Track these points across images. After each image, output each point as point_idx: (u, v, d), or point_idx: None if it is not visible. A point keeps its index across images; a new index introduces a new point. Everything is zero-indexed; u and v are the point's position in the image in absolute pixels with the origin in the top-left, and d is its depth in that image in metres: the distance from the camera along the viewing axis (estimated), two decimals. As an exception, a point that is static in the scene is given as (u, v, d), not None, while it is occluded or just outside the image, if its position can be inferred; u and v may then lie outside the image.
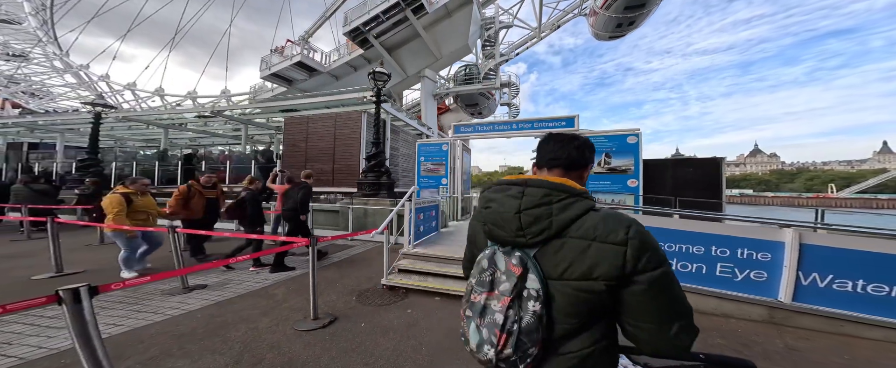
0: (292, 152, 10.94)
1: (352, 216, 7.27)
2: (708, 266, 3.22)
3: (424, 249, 4.79)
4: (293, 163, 10.56)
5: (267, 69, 18.40)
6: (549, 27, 20.32)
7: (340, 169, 9.74)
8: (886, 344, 2.59)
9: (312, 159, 10.52)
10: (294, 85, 19.33)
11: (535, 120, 6.89)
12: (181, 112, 17.28)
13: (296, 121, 11.32)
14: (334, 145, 10.14)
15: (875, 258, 2.71)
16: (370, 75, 7.14)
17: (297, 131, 11.02)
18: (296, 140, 10.93)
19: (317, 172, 10.04)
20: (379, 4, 14.29)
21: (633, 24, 17.02)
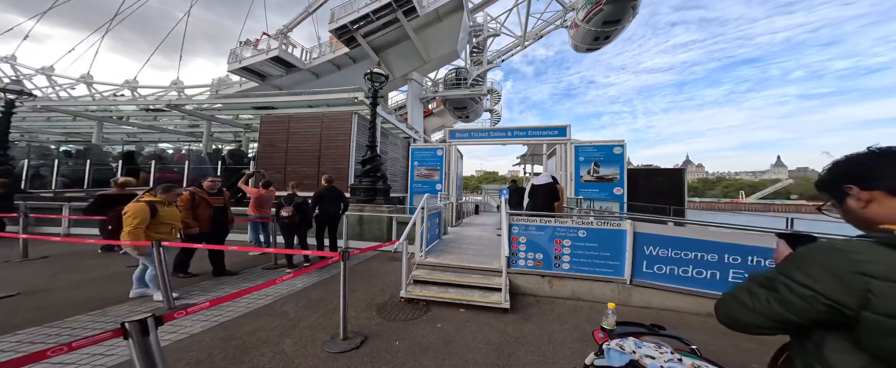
0: (269, 153, 10.20)
1: (346, 224, 6.89)
2: (721, 273, 3.46)
3: (437, 258, 4.66)
4: (270, 165, 9.83)
5: (236, 62, 17.04)
6: (533, 37, 21.28)
7: (327, 172, 9.21)
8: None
9: (294, 162, 9.90)
10: (267, 81, 18.09)
11: (530, 128, 7.07)
12: (122, 103, 15.37)
13: (274, 120, 10.60)
14: (320, 147, 9.61)
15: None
16: (367, 76, 6.89)
17: (276, 131, 10.31)
18: (274, 140, 10.22)
19: (299, 176, 9.46)
20: (369, 4, 13.94)
21: (608, 39, 18.35)
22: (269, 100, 11.97)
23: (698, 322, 3.36)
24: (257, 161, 10.03)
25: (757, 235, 3.49)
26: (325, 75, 18.14)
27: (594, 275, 3.82)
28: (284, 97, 11.06)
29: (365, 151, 7.57)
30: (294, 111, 11.33)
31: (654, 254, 3.64)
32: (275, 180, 9.18)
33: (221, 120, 14.50)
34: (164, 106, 12.99)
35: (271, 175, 9.29)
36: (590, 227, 3.88)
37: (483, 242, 5.69)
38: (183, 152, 14.07)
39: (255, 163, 10.05)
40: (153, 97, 24.18)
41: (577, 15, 17.64)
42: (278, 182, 9.35)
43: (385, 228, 6.72)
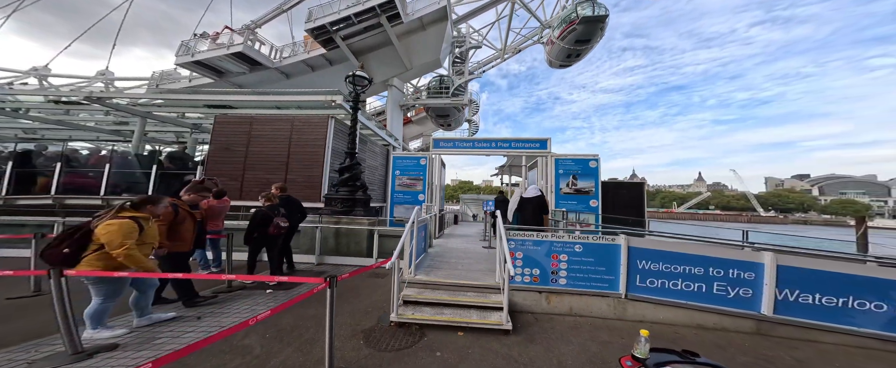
0: (223, 157, 9.06)
1: (319, 238, 6.31)
2: (707, 285, 3.63)
3: (427, 275, 4.38)
4: (224, 171, 8.77)
5: (187, 55, 15.36)
6: (512, 50, 22.15)
7: (297, 180, 8.48)
8: (843, 347, 3.23)
9: (255, 168, 8.97)
10: (225, 78, 16.54)
11: (513, 140, 7.15)
12: (20, 93, 12.93)
13: (232, 121, 9.58)
14: (289, 152, 8.84)
15: (825, 275, 3.41)
16: (348, 78, 6.49)
17: (234, 133, 9.31)
18: (231, 143, 9.18)
19: (261, 183, 8.59)
20: (351, 6, 13.43)
21: (578, 56, 19.76)
22: (227, 98, 10.83)
23: (690, 333, 3.46)
24: (206, 166, 8.89)
25: (735, 249, 3.71)
26: (297, 76, 17.11)
27: (591, 290, 3.80)
28: (248, 96, 10.08)
29: (342, 157, 7.08)
30: (258, 112, 10.37)
31: (647, 268, 3.72)
32: (230, 188, 8.23)
33: (161, 118, 12.75)
34: (82, 98, 10.94)
35: (226, 183, 8.32)
36: (586, 242, 3.88)
37: (471, 255, 5.51)
38: (102, 152, 11.68)
39: (202, 168, 8.88)
40: (69, 88, 20.85)
41: (552, 32, 18.85)
42: (234, 191, 8.40)
43: (364, 242, 6.27)
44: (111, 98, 11.59)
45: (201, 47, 15.14)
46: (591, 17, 16.21)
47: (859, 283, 3.34)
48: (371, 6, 13.37)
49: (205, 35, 15.51)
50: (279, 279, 3.16)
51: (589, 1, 16.61)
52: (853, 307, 3.34)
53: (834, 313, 3.35)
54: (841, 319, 3.33)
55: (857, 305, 3.34)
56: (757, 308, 3.50)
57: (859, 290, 3.33)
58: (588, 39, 17.62)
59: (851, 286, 3.35)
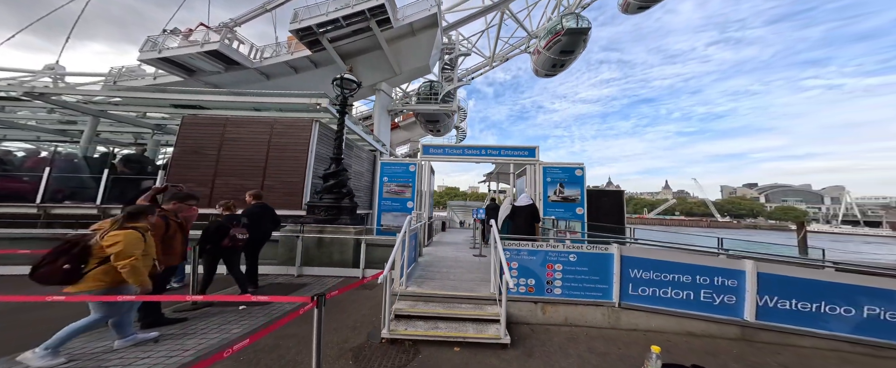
0: (191, 160, 8.39)
1: (300, 248, 5.95)
2: (694, 293, 3.73)
3: (419, 287, 4.22)
4: (191, 176, 8.11)
5: (154, 51, 14.30)
6: (500, 59, 22.77)
7: (275, 187, 8.01)
8: (819, 351, 3.42)
9: (228, 173, 8.39)
10: (196, 77, 15.57)
11: (502, 147, 7.21)
12: None
13: (203, 122, 8.96)
14: (267, 156, 8.36)
15: (800, 282, 3.61)
16: (335, 82, 6.26)
17: (204, 135, 8.69)
18: (200, 146, 8.55)
19: (233, 189, 8.03)
20: (340, 9, 13.12)
21: (563, 66, 20.63)
22: (198, 98, 10.12)
23: (681, 341, 3.53)
24: (169, 170, 8.18)
25: (721, 257, 3.86)
26: (278, 77, 16.47)
27: (585, 299, 3.81)
28: (223, 97, 9.47)
29: (327, 163, 6.78)
30: (234, 113, 9.78)
31: (639, 277, 3.79)
32: (202, 194, 7.66)
33: (118, 117, 11.68)
34: (21, 94, 9.77)
35: (192, 189, 7.71)
36: (580, 251, 3.90)
37: (462, 264, 5.40)
38: (43, 154, 10.18)
39: (165, 173, 8.14)
40: (7, 83, 18.81)
41: (539, 42, 19.65)
42: (202, 197, 7.80)
43: (350, 251, 5.99)
44: (58, 94, 10.47)
45: (171, 44, 14.17)
46: (576, 28, 17.07)
47: (830, 289, 3.57)
48: (360, 10, 13.16)
49: (176, 31, 14.55)
50: (260, 298, 2.90)
51: (573, 14, 17.68)
52: (825, 311, 3.55)
53: (809, 318, 3.55)
54: (816, 323, 3.53)
55: (828, 310, 3.55)
56: (740, 315, 3.64)
57: (830, 296, 3.55)
58: (572, 50, 18.51)
59: (823, 292, 3.57)
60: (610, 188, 11.96)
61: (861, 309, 3.51)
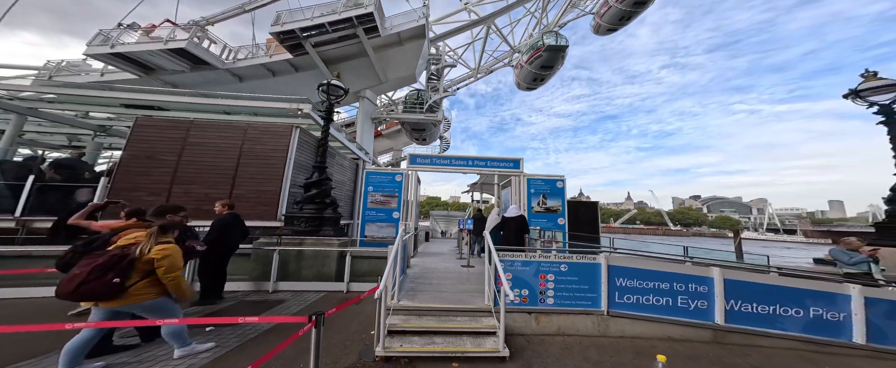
0: (143, 166, 7.54)
1: (277, 262, 5.56)
2: (672, 299, 4.01)
3: (411, 300, 4.13)
4: (142, 184, 7.33)
5: (105, 45, 12.92)
6: (485, 71, 23.66)
7: (246, 196, 7.45)
8: (779, 350, 3.80)
9: (188, 180, 7.67)
10: (155, 75, 14.30)
11: (488, 159, 7.36)
12: None
13: (161, 124, 8.21)
14: (238, 163, 7.80)
15: (759, 286, 4.03)
16: (321, 87, 6.07)
17: (162, 139, 7.94)
18: (155, 151, 7.76)
19: (196, 198, 7.38)
20: (327, 14, 12.77)
21: (543, 80, 21.88)
22: (157, 98, 9.25)
23: (664, 346, 3.74)
24: (115, 177, 7.27)
25: (695, 265, 4.19)
26: (252, 80, 15.63)
27: (576, 308, 3.93)
28: (190, 98, 8.74)
29: (307, 171, 6.47)
30: (199, 116, 9.06)
31: (624, 285, 4.00)
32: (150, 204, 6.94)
33: (51, 116, 10.33)
34: None
35: (142, 198, 7.00)
36: (570, 261, 4.05)
37: (452, 275, 5.35)
38: None
39: (108, 180, 7.19)
40: None
41: (521, 57, 20.86)
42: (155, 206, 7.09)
43: (334, 264, 5.70)
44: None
45: (128, 39, 12.91)
46: (555, 46, 18.42)
47: (781, 293, 4.01)
48: (348, 17, 12.98)
49: (134, 26, 13.31)
50: (251, 319, 2.67)
51: (552, 32, 19.17)
52: (780, 313, 3.98)
53: (768, 319, 3.95)
54: (774, 324, 3.93)
55: (782, 311, 3.98)
56: (712, 318, 3.96)
57: (783, 299, 3.99)
58: (551, 66, 19.82)
59: (776, 296, 4.00)
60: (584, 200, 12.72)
61: (808, 310, 3.97)
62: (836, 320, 3.92)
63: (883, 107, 6.40)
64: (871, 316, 3.85)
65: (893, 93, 6.28)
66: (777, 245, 60.42)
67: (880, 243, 5.72)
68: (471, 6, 20.45)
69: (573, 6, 23.27)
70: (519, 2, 19.94)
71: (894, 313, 3.87)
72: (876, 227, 6.46)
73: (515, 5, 19.95)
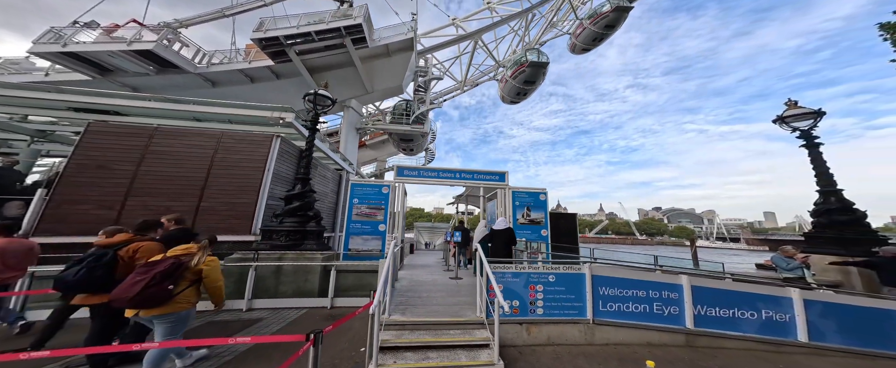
0: (92, 177, 6.83)
1: (253, 278, 5.25)
2: (650, 306, 4.31)
3: (403, 315, 4.09)
4: (90, 196, 6.60)
5: (55, 43, 11.72)
6: (471, 83, 24.41)
7: (216, 209, 6.95)
8: (739, 351, 4.17)
9: (147, 192, 7.01)
10: (113, 77, 13.15)
11: (475, 171, 7.56)
12: None
13: (118, 130, 7.54)
14: (209, 173, 7.32)
15: (719, 292, 4.45)
16: (308, 97, 5.97)
17: (117, 146, 7.28)
18: (108, 159, 7.11)
19: (157, 212, 6.71)
20: (314, 23, 12.55)
21: (526, 95, 22.96)
22: (115, 102, 8.49)
23: (645, 352, 3.98)
24: (56, 188, 6.47)
25: (666, 273, 4.55)
26: (227, 85, 14.88)
27: (564, 318, 4.10)
28: (157, 103, 8.14)
29: (287, 183, 6.24)
30: (165, 122, 8.44)
31: (607, 294, 4.24)
32: (99, 218, 6.36)
33: None
34: None
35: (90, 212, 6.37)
36: (558, 272, 4.23)
37: (441, 287, 5.34)
38: None
39: (46, 191, 6.36)
40: None
41: (506, 71, 21.88)
42: (105, 222, 6.46)
43: (317, 279, 5.48)
44: None
45: (84, 38, 11.83)
46: (537, 62, 19.68)
47: (739, 297, 4.44)
48: (336, 27, 12.87)
49: (92, 25, 12.24)
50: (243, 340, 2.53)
51: (535, 49, 20.53)
52: (738, 316, 4.40)
53: (730, 322, 4.35)
54: (733, 327, 4.34)
55: (739, 315, 4.41)
56: (683, 323, 4.30)
57: (740, 302, 4.42)
58: (534, 81, 20.94)
59: (735, 300, 4.42)
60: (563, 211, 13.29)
61: (760, 312, 4.43)
62: (783, 321, 4.40)
63: (803, 132, 7.30)
64: (810, 316, 4.36)
65: (811, 120, 7.21)
66: (726, 253, 66.61)
67: (809, 250, 6.50)
68: (458, 22, 21.56)
69: (552, 26, 25.18)
70: (503, 20, 21.10)
71: (828, 313, 4.41)
72: (805, 236, 7.27)
73: (500, 24, 21.09)
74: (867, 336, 4.28)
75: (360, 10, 13.54)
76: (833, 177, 6.82)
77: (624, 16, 20.81)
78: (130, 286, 2.55)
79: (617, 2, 20.54)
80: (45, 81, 13.86)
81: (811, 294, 4.49)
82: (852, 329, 4.32)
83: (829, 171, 6.86)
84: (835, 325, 4.34)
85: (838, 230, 6.45)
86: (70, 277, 2.87)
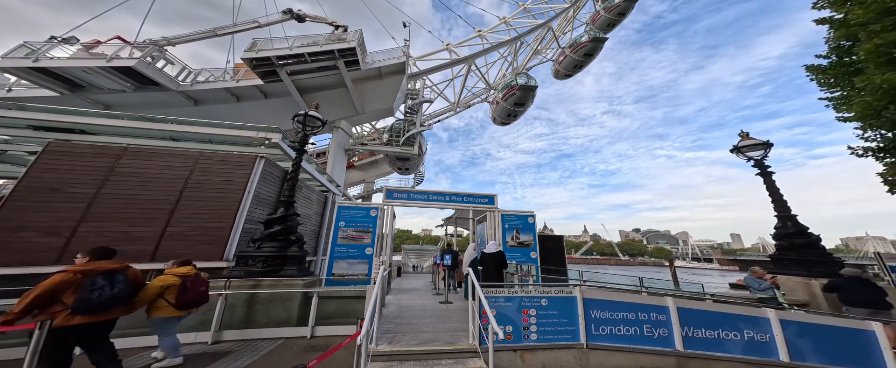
0: (42, 200, 6.29)
1: (222, 308, 4.83)
2: (640, 329, 4.30)
3: (391, 344, 3.88)
4: (38, 223, 6.02)
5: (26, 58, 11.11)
6: (463, 105, 25.31)
7: (186, 233, 6.44)
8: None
9: (105, 217, 6.37)
10: (83, 94, 12.56)
11: (465, 194, 7.60)
12: None
13: (81, 150, 7.05)
14: (181, 196, 6.90)
15: (705, 314, 4.53)
16: (297, 118, 5.90)
17: (78, 167, 6.77)
18: (64, 182, 6.49)
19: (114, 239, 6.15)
20: (307, 45, 12.73)
21: (515, 116, 24.01)
22: (84, 121, 7.97)
23: (637, 375, 3.93)
24: None
25: (651, 295, 4.61)
26: (212, 104, 14.60)
27: (558, 343, 4.01)
28: (127, 121, 7.73)
29: (270, 206, 5.98)
30: (137, 142, 8.02)
31: (598, 317, 4.22)
32: (49, 245, 5.81)
33: None
34: None
35: (31, 240, 5.80)
36: (550, 295, 4.19)
37: (431, 313, 5.12)
38: None
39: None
40: None
41: (497, 94, 23.06)
42: (55, 248, 5.90)
43: (296, 307, 5.12)
44: None
45: (59, 53, 11.34)
46: (526, 85, 21.06)
47: (722, 318, 4.51)
48: (329, 49, 13.10)
49: (71, 40, 11.80)
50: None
51: (524, 74, 22.10)
52: (723, 337, 4.46)
53: (717, 343, 4.39)
54: (720, 348, 4.38)
55: (724, 336, 4.47)
56: (673, 345, 4.30)
57: (723, 323, 4.49)
58: (523, 103, 22.16)
59: (719, 321, 4.49)
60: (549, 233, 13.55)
61: (743, 333, 4.51)
62: (764, 341, 4.48)
63: (757, 162, 7.82)
64: (788, 336, 4.47)
65: (762, 150, 7.83)
66: (701, 272, 68.86)
67: (776, 271, 6.83)
68: (452, 47, 23.00)
69: (537, 53, 27.88)
70: (493, 47, 22.66)
71: (803, 332, 4.54)
72: (771, 258, 7.63)
73: (490, 50, 22.58)
74: (839, 354, 4.40)
75: (354, 34, 14.00)
76: (787, 203, 7.34)
77: (600, 45, 23.29)
78: (203, 294, 4.14)
79: (593, 33, 23.15)
80: (5, 96, 13.01)
81: (786, 314, 4.64)
82: (826, 348, 4.44)
83: (783, 197, 7.39)
84: (811, 344, 4.46)
85: (799, 253, 6.85)
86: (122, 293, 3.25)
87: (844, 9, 7.31)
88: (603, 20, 24.97)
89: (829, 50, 8.13)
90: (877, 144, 7.56)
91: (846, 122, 7.82)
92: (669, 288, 6.73)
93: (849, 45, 7.61)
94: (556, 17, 26.05)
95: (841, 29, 7.30)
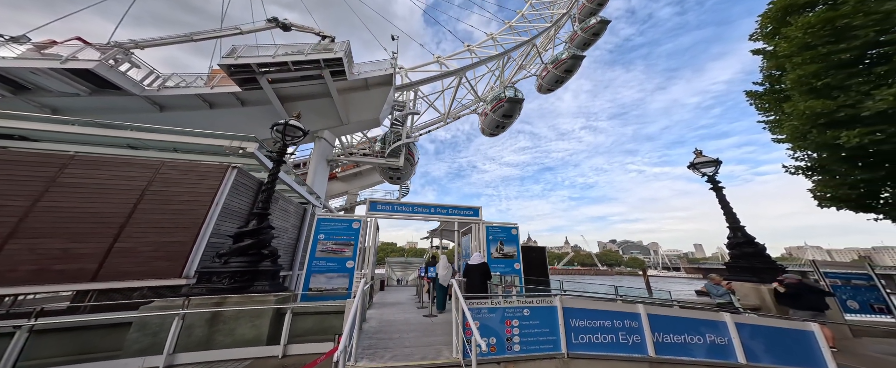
0: None
1: (178, 328, 4.40)
2: (616, 336, 4.43)
3: (372, 360, 3.73)
4: None
5: None
6: (453, 116, 25.76)
7: (137, 250, 5.88)
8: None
9: (42, 233, 5.74)
10: (28, 96, 11.32)
11: (450, 207, 7.59)
12: None
13: (19, 158, 6.36)
14: (135, 208, 6.33)
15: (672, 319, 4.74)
16: (277, 127, 5.69)
17: (11, 178, 6.05)
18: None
19: (45, 255, 5.53)
20: (293, 53, 12.36)
21: (503, 128, 24.52)
22: (24, 126, 7.17)
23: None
24: None
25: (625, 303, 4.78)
26: (179, 111, 13.66)
27: (541, 353, 4.02)
28: (77, 128, 7.06)
29: (241, 218, 5.64)
30: (86, 150, 7.33)
31: (578, 325, 4.30)
32: None
33: None
34: None
35: None
36: (531, 305, 4.24)
37: (414, 326, 4.97)
38: None
39: None
40: None
41: (486, 106, 23.71)
42: None
43: (266, 325, 4.78)
44: None
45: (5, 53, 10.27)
46: (514, 98, 21.78)
47: (688, 323, 4.74)
48: (315, 59, 12.77)
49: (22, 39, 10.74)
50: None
51: (511, 87, 23.00)
52: (689, 342, 4.67)
53: (683, 348, 4.60)
54: (687, 352, 4.58)
55: (689, 340, 4.69)
56: (646, 352, 4.45)
57: (689, 328, 4.71)
58: (511, 115, 22.87)
59: (685, 326, 4.71)
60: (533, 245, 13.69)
61: (705, 337, 4.75)
62: (723, 344, 4.73)
63: (710, 177, 8.36)
64: (743, 339, 4.75)
65: (713, 167, 8.45)
66: (670, 281, 72.90)
67: (731, 278, 7.34)
68: (442, 60, 23.74)
69: (521, 68, 29.76)
70: (482, 61, 23.57)
71: (757, 335, 4.84)
72: (726, 266, 8.12)
73: (479, 64, 23.49)
74: (786, 354, 4.72)
75: (341, 45, 13.87)
76: (736, 215, 7.97)
77: (578, 62, 24.91)
78: None
79: (572, 51, 24.89)
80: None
81: (740, 318, 4.94)
82: (776, 349, 4.75)
83: (733, 210, 8.03)
84: (763, 346, 4.75)
85: (749, 261, 7.43)
86: None
87: (773, 42, 8.31)
88: (580, 39, 27.49)
89: (764, 78, 9.14)
90: (805, 163, 8.46)
91: (780, 143, 8.72)
92: (643, 296, 7.02)
93: (779, 74, 8.59)
94: (538, 35, 27.77)
95: (772, 60, 8.27)
